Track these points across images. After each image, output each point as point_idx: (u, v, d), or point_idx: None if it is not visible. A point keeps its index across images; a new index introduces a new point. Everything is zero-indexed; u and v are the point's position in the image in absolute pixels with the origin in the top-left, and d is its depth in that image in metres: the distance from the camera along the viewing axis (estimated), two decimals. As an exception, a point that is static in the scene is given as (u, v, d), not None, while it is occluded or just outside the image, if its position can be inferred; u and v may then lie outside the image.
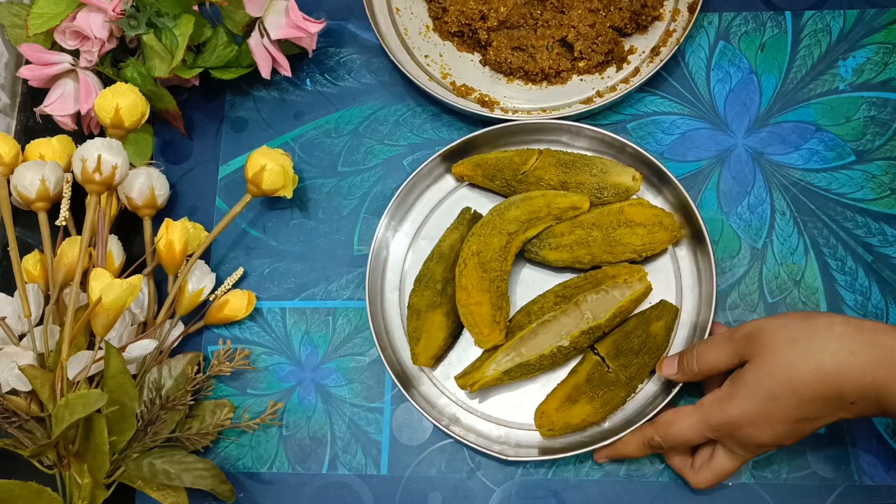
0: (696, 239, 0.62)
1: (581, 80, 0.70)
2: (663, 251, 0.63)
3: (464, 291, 0.60)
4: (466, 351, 0.63)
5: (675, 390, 0.57)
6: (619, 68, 0.69)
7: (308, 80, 0.73)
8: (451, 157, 0.66)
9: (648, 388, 0.61)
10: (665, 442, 0.55)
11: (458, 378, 0.60)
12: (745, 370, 0.50)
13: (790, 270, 0.63)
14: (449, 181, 0.67)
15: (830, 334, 0.47)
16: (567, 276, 0.63)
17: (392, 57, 0.68)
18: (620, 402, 0.59)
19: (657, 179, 0.64)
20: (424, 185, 0.67)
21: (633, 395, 0.60)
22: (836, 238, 0.64)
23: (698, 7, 0.68)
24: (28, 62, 0.66)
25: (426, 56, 0.72)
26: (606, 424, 0.60)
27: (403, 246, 0.66)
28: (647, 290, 0.60)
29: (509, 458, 0.59)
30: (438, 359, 0.63)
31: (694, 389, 0.60)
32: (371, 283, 0.63)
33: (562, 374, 0.61)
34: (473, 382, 0.59)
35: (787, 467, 0.59)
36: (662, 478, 0.60)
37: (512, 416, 0.61)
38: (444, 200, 0.67)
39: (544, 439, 0.60)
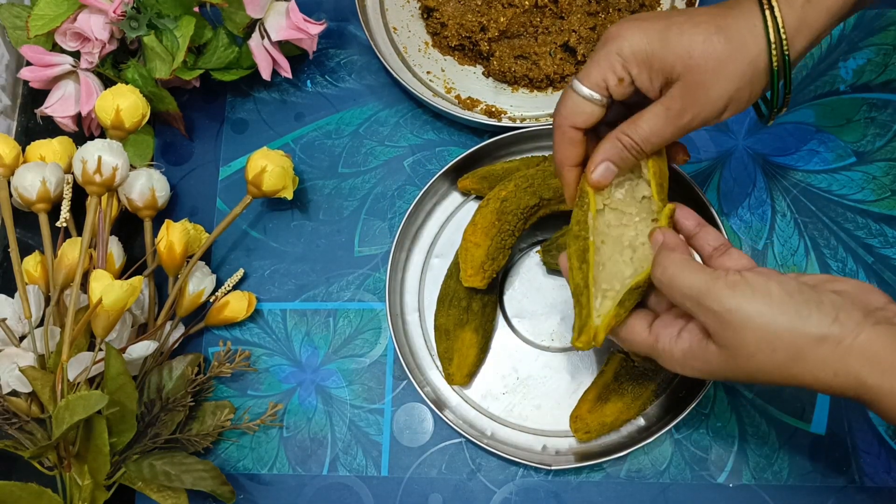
0: None
1: (586, 83, 0.70)
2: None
3: (472, 226, 0.59)
4: (498, 367, 0.63)
5: (704, 390, 0.57)
6: (623, 69, 0.69)
7: (308, 81, 0.73)
8: (455, 172, 0.66)
9: (678, 383, 0.61)
10: (619, 342, 0.51)
11: (575, 342, 0.49)
12: (709, 351, 0.45)
13: (791, 272, 0.63)
14: (456, 197, 0.67)
15: (816, 352, 0.42)
16: None
17: (395, 75, 0.68)
18: (651, 395, 0.59)
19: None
20: (431, 203, 0.67)
21: (663, 386, 0.60)
22: (836, 239, 0.64)
23: (696, 3, 0.68)
24: (29, 63, 0.66)
25: (428, 72, 0.72)
26: (642, 421, 0.60)
27: (418, 266, 0.66)
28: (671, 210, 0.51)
29: (552, 468, 0.59)
30: (471, 376, 0.62)
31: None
32: (391, 307, 0.63)
33: (589, 379, 0.61)
34: (595, 333, 0.49)
35: (788, 469, 0.59)
36: (663, 479, 0.60)
37: (547, 425, 0.61)
38: (452, 216, 0.67)
39: (582, 444, 0.60)
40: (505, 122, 0.68)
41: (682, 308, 0.46)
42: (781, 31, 0.46)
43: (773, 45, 0.46)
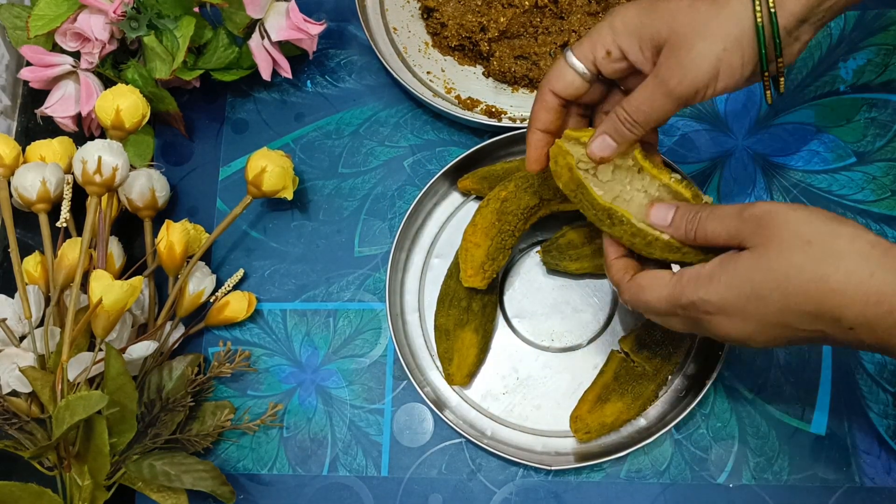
0: None
1: (586, 83, 0.70)
2: None
3: (472, 226, 0.59)
4: (498, 367, 0.63)
5: (705, 390, 0.57)
6: (622, 70, 0.69)
7: (309, 81, 0.73)
8: (455, 172, 0.66)
9: (678, 383, 0.61)
10: (630, 304, 0.50)
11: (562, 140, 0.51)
12: (741, 256, 0.43)
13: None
14: (456, 197, 0.67)
15: (852, 247, 0.40)
16: (588, 281, 0.64)
17: (395, 75, 0.68)
18: (651, 395, 0.59)
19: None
20: (432, 203, 0.67)
21: (663, 387, 0.60)
22: (836, 239, 0.63)
23: None
24: (29, 64, 0.66)
25: (428, 73, 0.72)
26: (642, 421, 0.60)
27: (418, 267, 0.66)
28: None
29: (552, 468, 0.59)
30: (471, 376, 0.62)
31: (734, 378, 0.60)
32: (392, 307, 0.63)
33: (590, 379, 0.61)
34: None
35: (788, 469, 0.59)
36: (663, 479, 0.60)
37: (547, 426, 0.61)
38: (452, 216, 0.67)
39: (582, 444, 0.60)
40: (505, 123, 0.68)
41: (721, 233, 0.45)
42: None
43: (757, 2, 0.45)
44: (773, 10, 0.45)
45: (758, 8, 0.45)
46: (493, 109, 0.69)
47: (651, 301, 0.47)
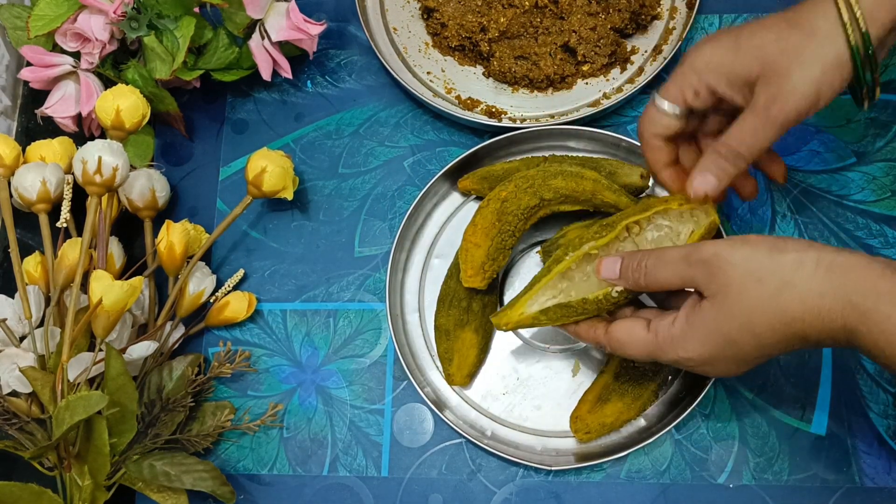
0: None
1: (586, 83, 0.70)
2: None
3: (472, 226, 0.59)
4: (499, 367, 0.63)
5: (705, 392, 0.57)
6: (623, 69, 0.70)
7: (309, 81, 0.73)
8: (455, 173, 0.66)
9: (678, 383, 0.61)
10: (612, 352, 0.52)
11: (492, 317, 0.56)
12: (704, 309, 0.46)
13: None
14: (456, 197, 0.67)
15: (800, 274, 0.43)
16: None
17: (395, 75, 0.68)
18: (651, 395, 0.59)
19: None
20: (432, 203, 0.67)
21: (663, 387, 0.60)
22: (837, 240, 0.64)
23: (697, 3, 0.68)
24: (29, 64, 0.66)
25: (428, 73, 0.72)
26: (642, 421, 0.60)
27: (418, 267, 0.66)
28: (714, 225, 0.53)
29: (552, 468, 0.59)
30: (472, 376, 0.62)
31: (734, 379, 0.60)
32: (392, 308, 0.63)
33: (590, 379, 0.61)
34: (508, 321, 0.54)
35: (788, 469, 0.59)
36: (663, 479, 0.60)
37: (547, 426, 0.61)
38: (452, 216, 0.67)
39: (582, 444, 0.60)
40: (505, 123, 0.68)
41: (672, 279, 0.48)
42: (855, 7, 0.46)
43: (848, 24, 0.46)
44: (865, 31, 0.47)
45: (849, 31, 0.46)
46: (494, 109, 0.69)
47: (633, 354, 0.51)
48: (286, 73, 0.68)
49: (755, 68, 0.48)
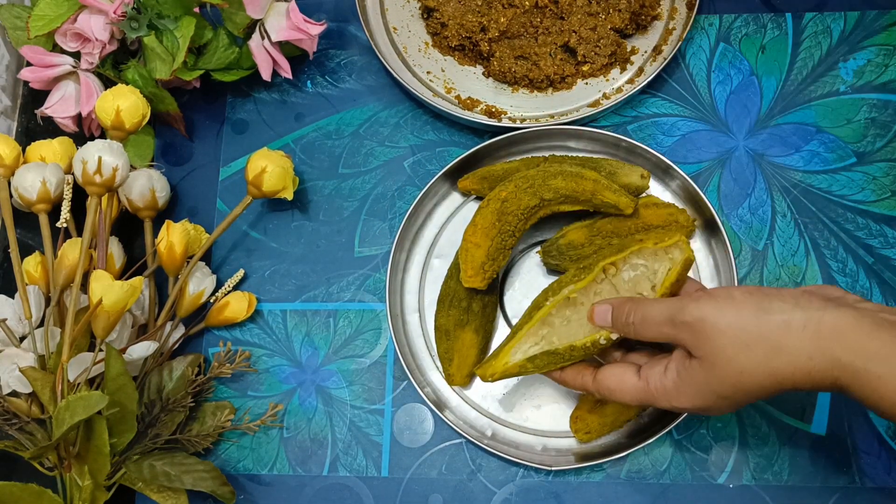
0: (709, 229, 0.62)
1: (586, 83, 0.70)
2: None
3: (472, 227, 0.59)
4: None
5: None
6: (623, 69, 0.69)
7: (309, 81, 0.73)
8: (455, 173, 0.66)
9: None
10: (602, 398, 0.53)
11: (476, 370, 0.56)
12: (695, 369, 0.46)
13: (791, 272, 0.63)
14: (456, 197, 0.67)
15: (788, 339, 0.43)
16: None
17: (395, 75, 0.68)
18: None
19: (664, 175, 0.64)
20: (432, 203, 0.67)
21: None
22: (836, 240, 0.64)
23: (696, 3, 0.68)
24: (29, 64, 0.66)
25: (428, 72, 0.72)
26: (642, 421, 0.60)
27: (418, 267, 0.66)
28: (689, 261, 0.52)
29: (552, 469, 0.59)
30: (472, 377, 0.62)
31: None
32: (392, 308, 0.63)
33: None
34: (493, 372, 0.54)
35: (789, 469, 0.59)
36: (663, 480, 0.60)
37: (547, 426, 0.61)
38: (452, 216, 0.67)
39: (582, 444, 0.60)
40: (505, 123, 0.68)
41: (660, 338, 0.48)
42: None
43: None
44: None
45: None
46: (493, 109, 0.69)
47: (625, 400, 0.51)
48: (286, 73, 0.68)
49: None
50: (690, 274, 0.59)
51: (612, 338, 0.52)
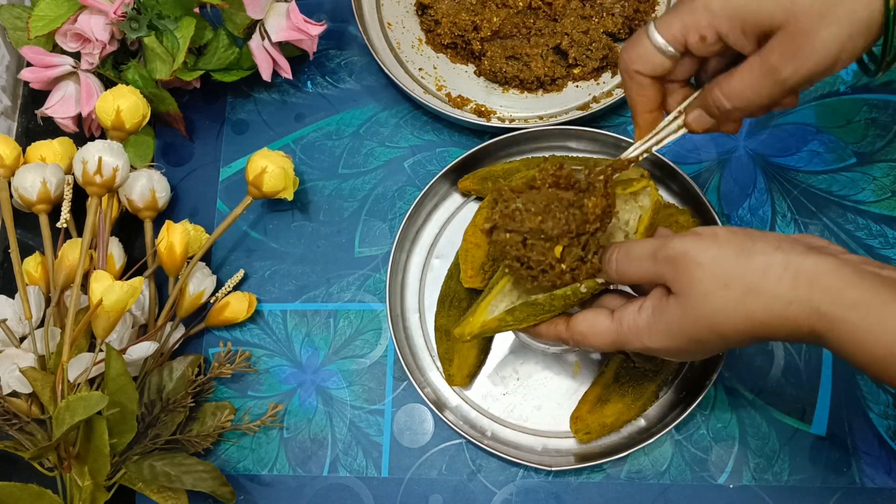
0: None
1: (577, 86, 0.70)
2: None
3: (472, 227, 0.59)
4: (499, 368, 0.63)
5: (705, 392, 0.57)
6: (615, 73, 0.70)
7: (309, 82, 0.73)
8: (455, 173, 0.66)
9: (678, 383, 0.61)
10: (576, 345, 0.50)
11: (454, 330, 0.53)
12: (671, 307, 0.45)
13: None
14: (456, 198, 0.67)
15: (766, 281, 0.41)
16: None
17: (387, 71, 0.68)
18: (651, 395, 0.59)
19: (663, 175, 0.64)
20: (432, 203, 0.67)
21: (663, 387, 0.60)
22: (837, 240, 0.64)
23: None
24: (29, 64, 0.66)
25: (420, 69, 0.72)
26: (642, 422, 0.60)
27: (418, 267, 0.66)
28: (658, 204, 0.50)
29: (552, 469, 0.59)
30: (472, 377, 0.62)
31: (734, 379, 0.60)
32: (392, 308, 0.63)
33: (590, 380, 0.61)
34: (471, 330, 0.51)
35: (789, 469, 0.59)
36: (663, 480, 0.60)
37: (547, 426, 0.61)
38: (453, 217, 0.67)
39: (582, 445, 0.60)
40: (494, 122, 0.68)
41: (642, 276, 0.46)
42: None
43: None
44: None
45: None
46: (483, 109, 0.69)
47: (597, 345, 0.49)
48: (286, 73, 0.68)
49: (778, 18, 0.43)
50: None
51: (598, 282, 0.49)
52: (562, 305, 0.50)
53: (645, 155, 0.51)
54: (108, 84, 0.66)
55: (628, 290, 0.54)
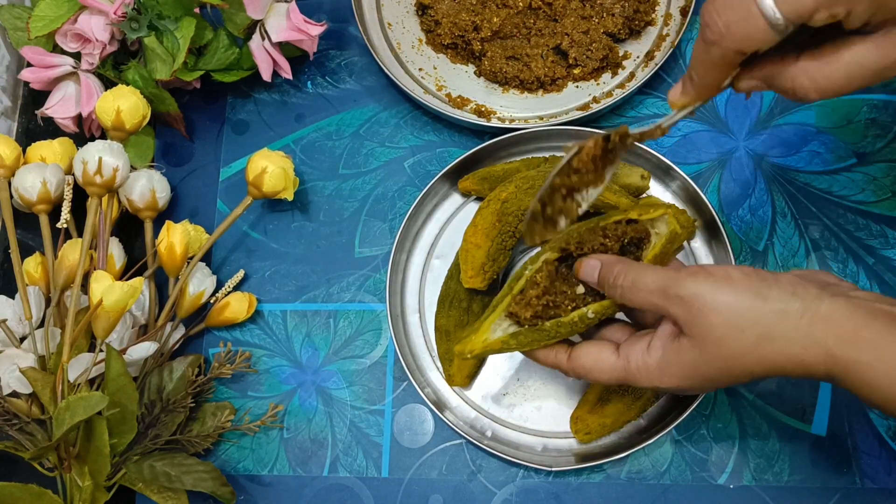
0: (710, 230, 0.63)
1: (577, 86, 0.70)
2: (679, 247, 0.63)
3: (473, 227, 0.59)
4: (499, 368, 0.63)
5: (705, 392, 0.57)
6: (615, 74, 0.69)
7: (309, 82, 0.73)
8: (455, 173, 0.66)
9: None
10: (576, 378, 0.50)
11: (455, 347, 0.52)
12: (684, 348, 0.44)
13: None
14: (456, 198, 0.67)
15: (782, 327, 0.42)
16: None
17: (387, 71, 0.68)
18: (652, 396, 0.59)
19: (664, 176, 0.64)
20: (432, 204, 0.67)
21: None
22: (837, 240, 0.64)
23: (690, 10, 0.68)
24: (29, 65, 0.66)
25: (420, 69, 0.72)
26: (643, 422, 0.60)
27: (418, 268, 0.66)
28: (674, 234, 0.49)
29: (553, 469, 0.59)
30: (472, 377, 0.62)
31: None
32: (392, 308, 0.63)
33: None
34: (472, 349, 0.50)
35: (789, 470, 0.59)
36: (663, 480, 0.59)
37: (547, 426, 0.61)
38: (453, 217, 0.67)
39: (583, 445, 0.60)
40: (494, 123, 0.68)
41: (647, 307, 0.46)
42: None
43: None
44: None
45: None
46: (483, 109, 0.69)
47: (601, 379, 0.48)
48: (286, 73, 0.68)
49: None
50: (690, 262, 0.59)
51: (604, 311, 0.48)
52: (567, 332, 0.49)
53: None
54: (108, 84, 0.66)
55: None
